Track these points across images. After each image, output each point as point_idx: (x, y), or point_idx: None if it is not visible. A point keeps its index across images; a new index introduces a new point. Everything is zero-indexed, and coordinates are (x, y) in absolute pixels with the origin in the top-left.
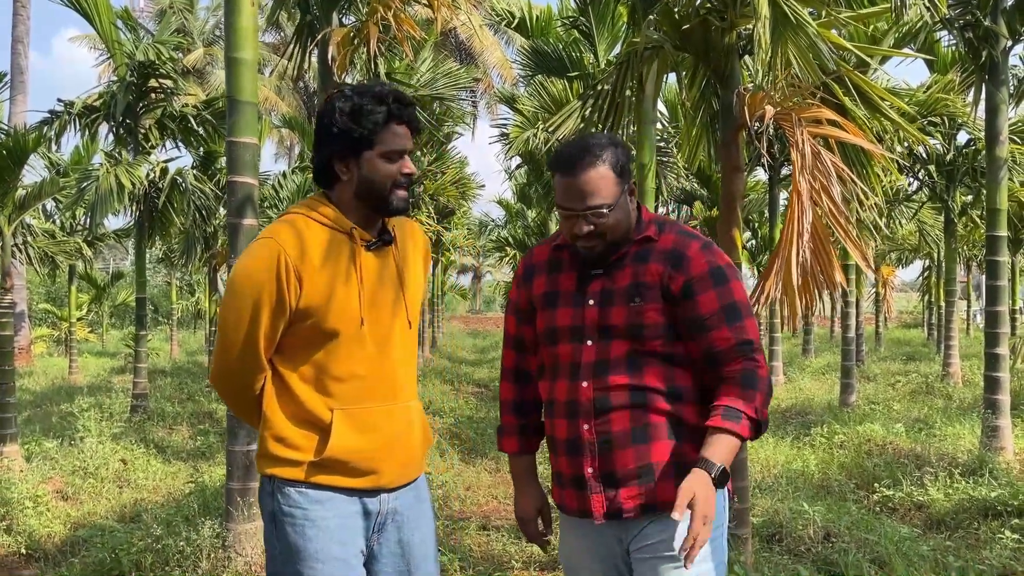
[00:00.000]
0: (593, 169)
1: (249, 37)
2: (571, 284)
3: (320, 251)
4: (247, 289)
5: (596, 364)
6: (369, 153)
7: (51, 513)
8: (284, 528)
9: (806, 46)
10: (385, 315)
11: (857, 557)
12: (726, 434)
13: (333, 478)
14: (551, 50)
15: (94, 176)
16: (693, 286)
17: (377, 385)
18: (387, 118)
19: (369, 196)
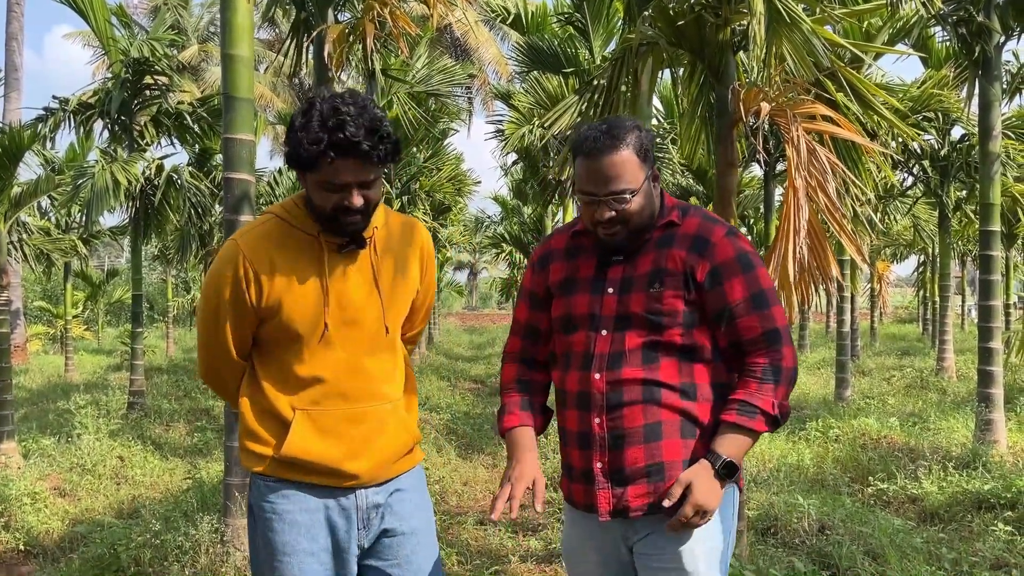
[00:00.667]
0: (616, 153)
1: (245, 34)
2: (590, 271)
3: (283, 253)
4: (211, 290)
5: (610, 356)
6: (311, 176)
7: (49, 510)
8: (256, 521)
9: (800, 42)
10: (356, 319)
11: (851, 549)
12: (739, 430)
13: (295, 474)
14: (546, 46)
15: (89, 173)
16: (720, 273)
17: (343, 388)
18: (323, 151)
19: (315, 214)
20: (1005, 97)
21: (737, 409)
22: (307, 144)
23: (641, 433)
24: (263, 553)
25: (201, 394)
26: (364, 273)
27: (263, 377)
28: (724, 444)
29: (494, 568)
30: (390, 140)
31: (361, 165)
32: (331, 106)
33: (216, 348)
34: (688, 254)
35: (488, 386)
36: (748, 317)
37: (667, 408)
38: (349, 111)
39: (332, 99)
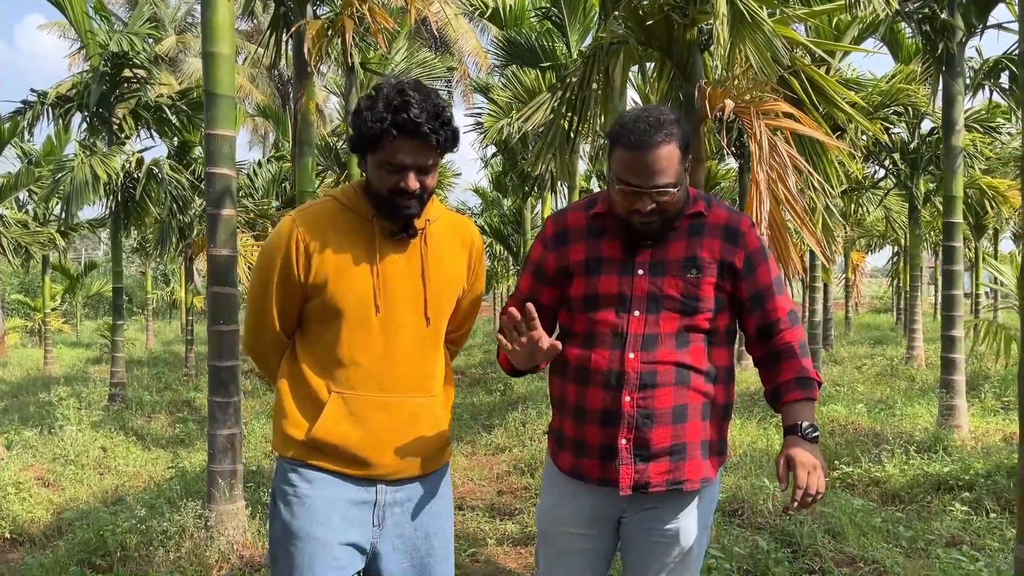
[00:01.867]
0: (665, 147)
1: (225, 31)
2: (616, 252)
3: (336, 232)
4: (264, 261)
5: (645, 337)
6: (371, 157)
7: (34, 499)
8: (277, 504)
9: (763, 43)
10: (399, 307)
11: (812, 528)
12: (807, 402)
13: (323, 461)
14: (524, 40)
15: (69, 167)
16: (753, 260)
17: (378, 375)
18: (386, 129)
19: (371, 196)
20: (968, 92)
21: (799, 386)
22: (371, 122)
23: (670, 414)
24: (280, 535)
25: (182, 386)
26: (412, 263)
27: (303, 358)
28: (798, 414)
29: (472, 550)
30: (451, 127)
31: (421, 147)
32: (397, 89)
33: (262, 320)
34: (723, 243)
35: (468, 376)
36: (775, 299)
37: (694, 391)
38: (414, 95)
39: (399, 84)
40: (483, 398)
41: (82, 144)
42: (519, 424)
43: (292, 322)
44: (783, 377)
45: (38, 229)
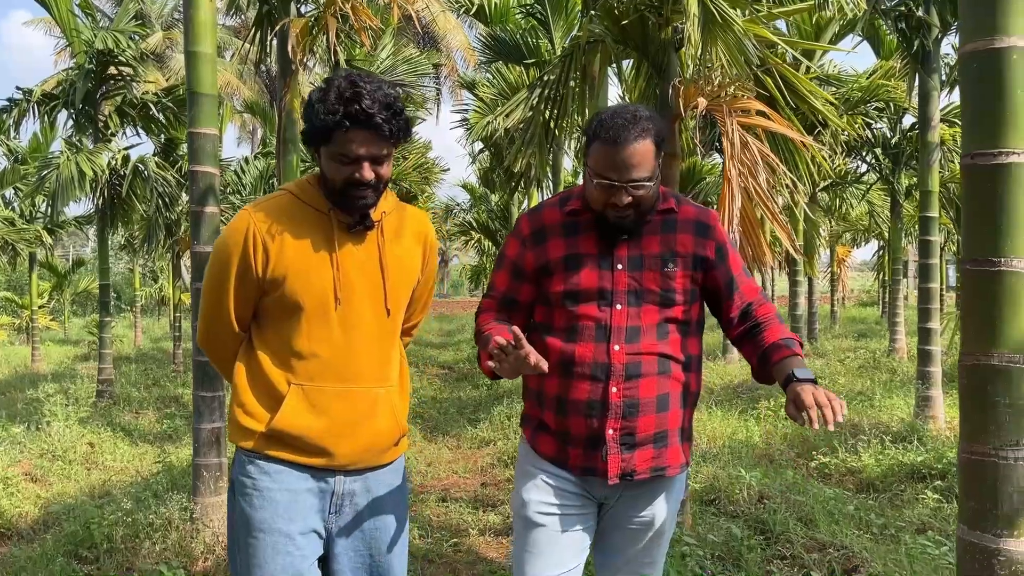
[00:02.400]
0: (641, 142)
1: (208, 31)
2: (593, 247)
3: (293, 226)
4: (219, 256)
5: (628, 329)
6: (324, 150)
7: (21, 494)
8: (236, 496)
9: (733, 43)
10: (357, 299)
11: (785, 516)
12: (796, 357)
13: (283, 452)
14: (508, 37)
15: (55, 164)
16: (723, 250)
17: (337, 367)
18: (339, 121)
19: (327, 189)
20: (945, 89)
21: (785, 344)
22: (323, 114)
23: (654, 403)
24: (240, 528)
25: (170, 382)
26: (370, 254)
27: (261, 351)
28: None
29: (454, 540)
30: (403, 118)
31: (374, 138)
32: (349, 81)
33: (217, 316)
34: (696, 238)
35: (456, 371)
36: (747, 283)
37: (674, 380)
38: (365, 86)
39: (350, 75)
40: (469, 393)
41: (68, 141)
42: (504, 418)
43: (248, 316)
44: (768, 341)
45: (24, 226)
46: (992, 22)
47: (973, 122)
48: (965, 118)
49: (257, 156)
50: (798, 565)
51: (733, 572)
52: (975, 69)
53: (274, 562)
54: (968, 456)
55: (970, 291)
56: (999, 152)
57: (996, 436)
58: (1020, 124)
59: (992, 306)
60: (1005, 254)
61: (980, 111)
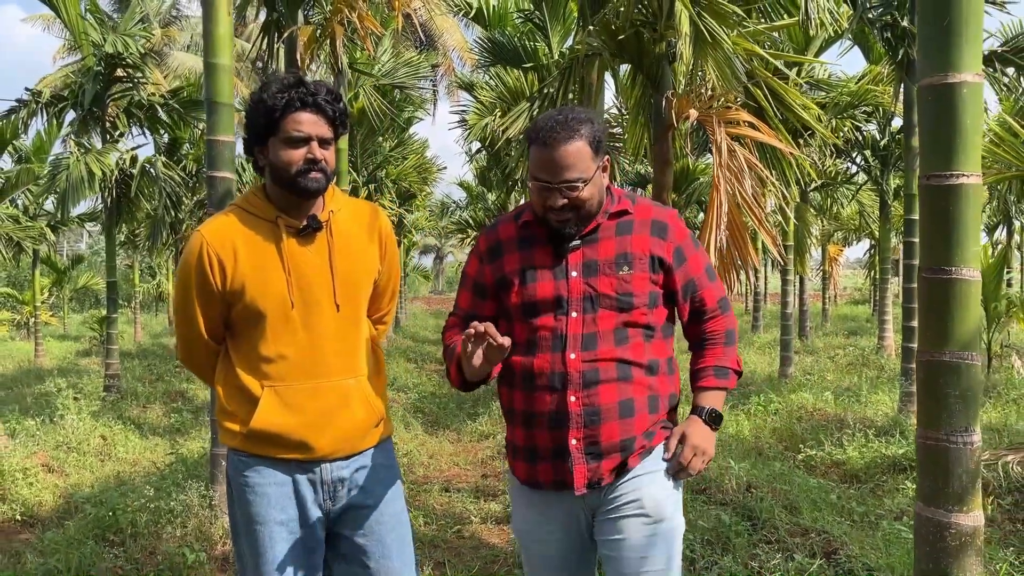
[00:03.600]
0: (571, 143)
1: (226, 44)
2: (547, 258)
3: (244, 239)
4: (181, 277)
5: (584, 336)
6: (273, 139)
7: (40, 484)
8: (233, 493)
9: (723, 60)
10: (313, 299)
11: (771, 503)
12: (718, 391)
13: (265, 450)
14: (507, 41)
15: (64, 165)
16: (682, 251)
17: (305, 365)
18: (287, 105)
19: (280, 181)
20: None
21: (714, 374)
22: (270, 102)
23: (616, 409)
24: (240, 522)
25: (175, 377)
26: (321, 254)
27: (235, 359)
28: (707, 399)
29: (456, 527)
30: (343, 104)
31: (319, 119)
32: (289, 74)
33: (190, 332)
34: (652, 238)
35: None
36: (706, 288)
37: (637, 385)
38: (293, 79)
39: (272, 76)
40: None
41: (77, 142)
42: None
43: (219, 328)
44: (703, 363)
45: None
46: (945, 60)
47: (929, 148)
48: (923, 144)
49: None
50: (782, 549)
51: (721, 555)
52: (931, 101)
53: (274, 550)
54: (924, 441)
55: (926, 296)
56: (951, 175)
57: (947, 423)
58: (969, 150)
59: (944, 309)
60: (956, 264)
61: (935, 138)
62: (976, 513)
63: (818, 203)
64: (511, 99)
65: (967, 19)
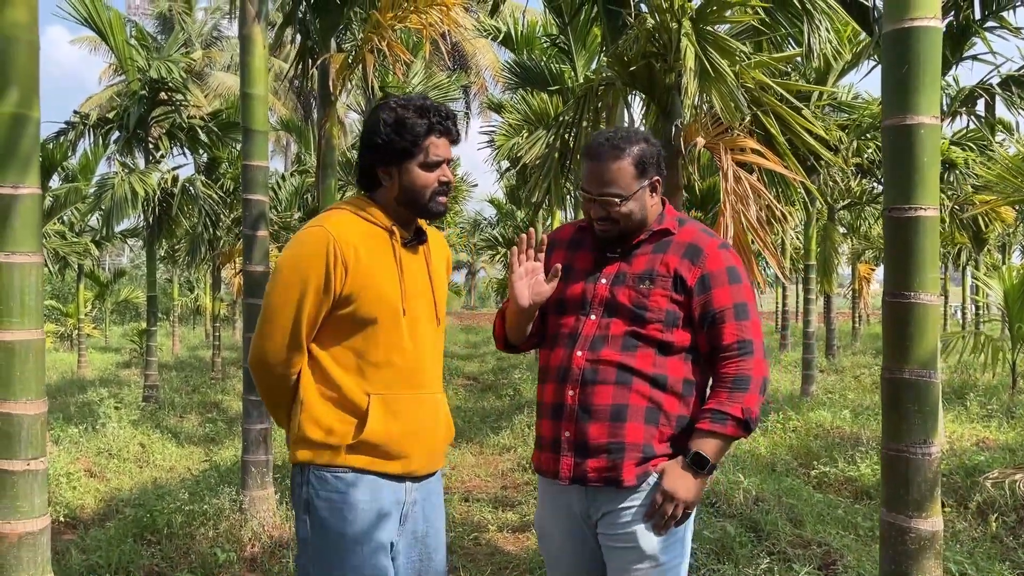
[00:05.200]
0: (615, 161)
1: (261, 75)
2: (588, 263)
3: (364, 242)
4: (296, 274)
5: (594, 337)
6: (410, 163)
7: (83, 488)
8: (320, 515)
9: (727, 93)
10: (418, 309)
11: (776, 516)
12: (712, 435)
13: (370, 460)
14: (533, 65)
15: (110, 184)
16: (709, 280)
17: (409, 374)
18: (428, 131)
19: (409, 202)
20: (947, 119)
21: (710, 418)
22: (416, 128)
23: (607, 411)
24: (329, 548)
25: (210, 388)
26: (421, 268)
27: (330, 366)
28: (696, 443)
29: (474, 535)
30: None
31: (448, 144)
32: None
33: (288, 331)
34: (680, 260)
35: (481, 382)
36: (728, 324)
37: (636, 393)
38: (427, 102)
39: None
40: (493, 403)
41: (122, 163)
42: (524, 427)
43: (314, 332)
44: (706, 405)
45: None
46: (905, 103)
47: (890, 182)
48: (886, 178)
49: (293, 173)
50: (783, 559)
51: (723, 565)
52: (892, 140)
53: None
54: (887, 452)
55: (889, 318)
56: (910, 208)
57: (908, 435)
58: (926, 185)
59: (904, 331)
60: (915, 289)
61: (896, 174)
62: (935, 519)
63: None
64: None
65: (924, 67)
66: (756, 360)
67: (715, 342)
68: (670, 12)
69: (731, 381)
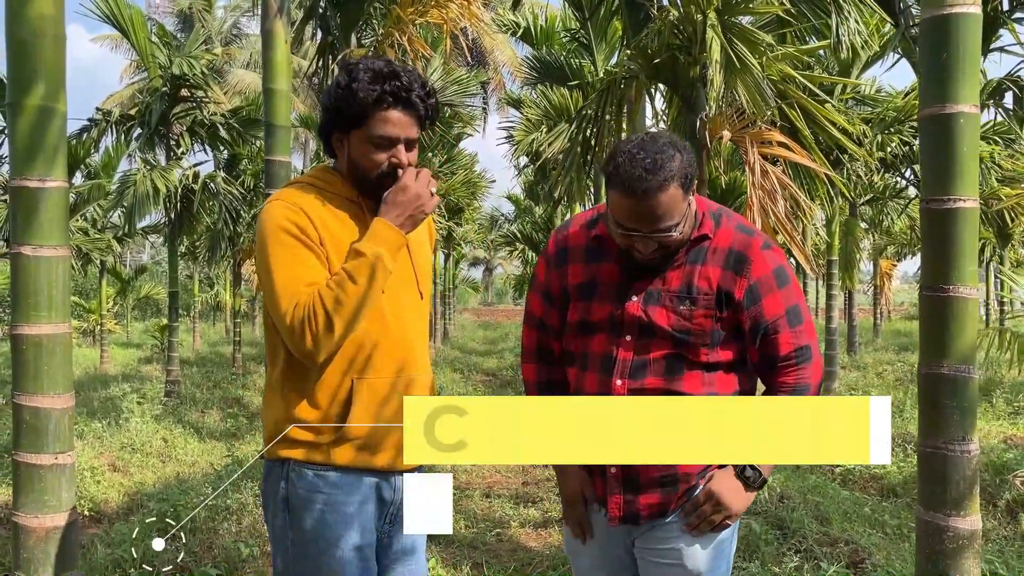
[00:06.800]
0: (662, 192)
1: (283, 70)
2: (613, 276)
3: (331, 214)
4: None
5: (633, 364)
6: (358, 133)
7: (107, 482)
8: (300, 514)
9: (753, 85)
10: (396, 285)
11: (802, 514)
12: None
13: (355, 455)
14: (553, 60)
15: (132, 181)
16: (758, 290)
17: (393, 355)
18: (378, 100)
19: (357, 178)
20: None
21: None
22: (361, 93)
23: None
24: (308, 549)
25: (230, 384)
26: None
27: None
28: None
29: (496, 531)
30: (435, 99)
31: (409, 119)
32: (384, 61)
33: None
34: (724, 272)
35: (499, 378)
36: (783, 334)
37: None
38: (401, 66)
39: (380, 59)
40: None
41: (144, 160)
42: None
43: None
44: None
45: (97, 236)
46: (943, 92)
47: (928, 173)
48: (923, 170)
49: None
50: (810, 557)
51: (750, 563)
52: (930, 130)
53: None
54: (924, 449)
55: (926, 313)
56: (948, 199)
57: (946, 433)
58: (965, 175)
59: (943, 325)
60: (953, 282)
61: (934, 164)
62: (973, 517)
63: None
64: (556, 116)
65: (964, 55)
66: (814, 365)
67: (770, 353)
68: (695, 4)
69: (791, 390)
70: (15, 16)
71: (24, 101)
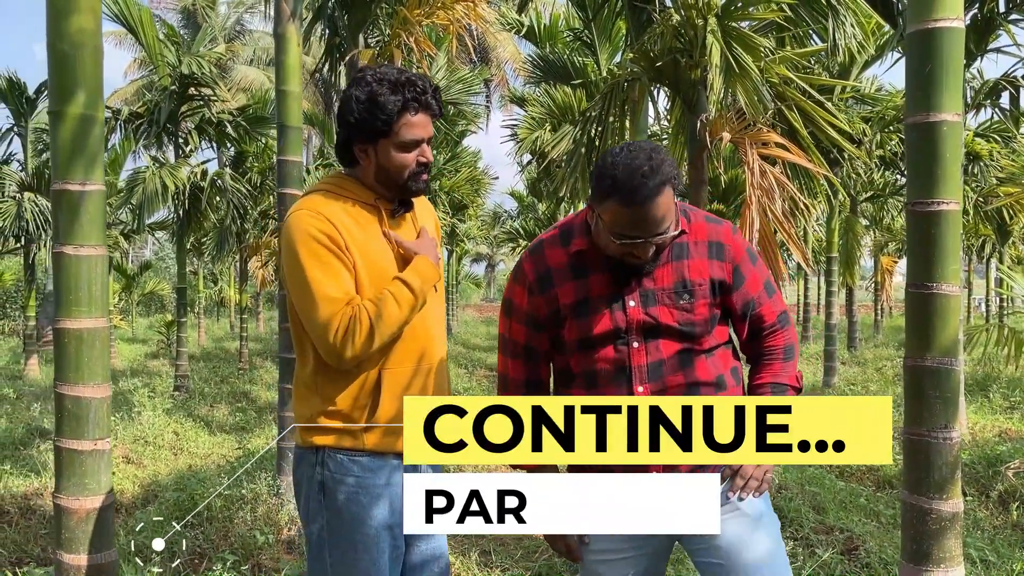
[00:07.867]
0: (660, 196)
1: (295, 71)
2: (605, 287)
3: (352, 218)
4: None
5: (649, 366)
6: (385, 142)
7: (121, 474)
8: (335, 496)
9: (751, 88)
10: None
11: (799, 504)
12: None
13: (385, 440)
14: (556, 59)
15: (141, 178)
16: (741, 270)
17: (417, 344)
18: (402, 108)
19: (386, 182)
20: (971, 111)
21: (771, 391)
22: (388, 106)
23: None
24: (342, 529)
25: (237, 379)
26: (411, 236)
27: None
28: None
29: None
30: (440, 93)
31: (429, 120)
32: (393, 71)
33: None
34: (711, 262)
35: None
36: (766, 305)
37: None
38: (409, 73)
39: (385, 68)
40: None
41: (153, 157)
42: None
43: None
44: (759, 379)
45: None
46: (928, 101)
47: (913, 177)
48: (909, 173)
49: (317, 167)
50: (806, 544)
51: None
52: (915, 136)
53: (382, 559)
54: (909, 436)
55: (911, 309)
56: (932, 201)
57: (929, 421)
58: (948, 180)
59: (927, 321)
60: (937, 280)
61: (919, 169)
62: (955, 501)
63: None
64: (559, 115)
65: (948, 66)
66: (791, 327)
67: (758, 324)
68: (695, 8)
69: (781, 351)
70: (56, 30)
71: (66, 110)
